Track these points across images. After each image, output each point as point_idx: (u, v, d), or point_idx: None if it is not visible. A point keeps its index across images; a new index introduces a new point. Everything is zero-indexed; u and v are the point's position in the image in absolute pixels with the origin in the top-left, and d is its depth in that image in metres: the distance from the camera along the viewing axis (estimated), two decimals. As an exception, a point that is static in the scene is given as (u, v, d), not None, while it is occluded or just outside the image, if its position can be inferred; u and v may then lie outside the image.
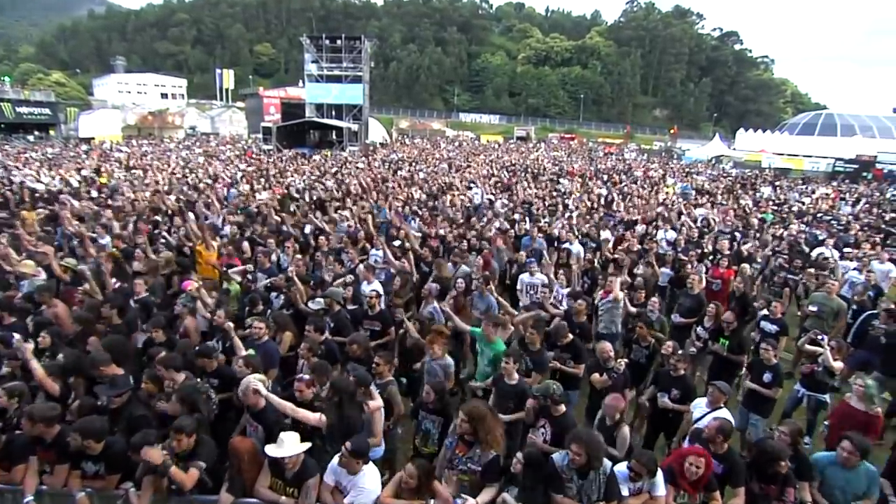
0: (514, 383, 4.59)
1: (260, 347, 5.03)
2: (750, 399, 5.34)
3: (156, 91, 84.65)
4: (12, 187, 13.21)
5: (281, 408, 3.69)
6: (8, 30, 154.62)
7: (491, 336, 5.27)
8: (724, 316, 5.96)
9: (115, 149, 33.41)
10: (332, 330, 5.73)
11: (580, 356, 5.35)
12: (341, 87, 40.47)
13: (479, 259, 8.10)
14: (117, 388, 3.96)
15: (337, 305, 6.05)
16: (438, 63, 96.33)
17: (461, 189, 15.29)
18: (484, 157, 31.70)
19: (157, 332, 5.10)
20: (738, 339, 5.87)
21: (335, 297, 6.05)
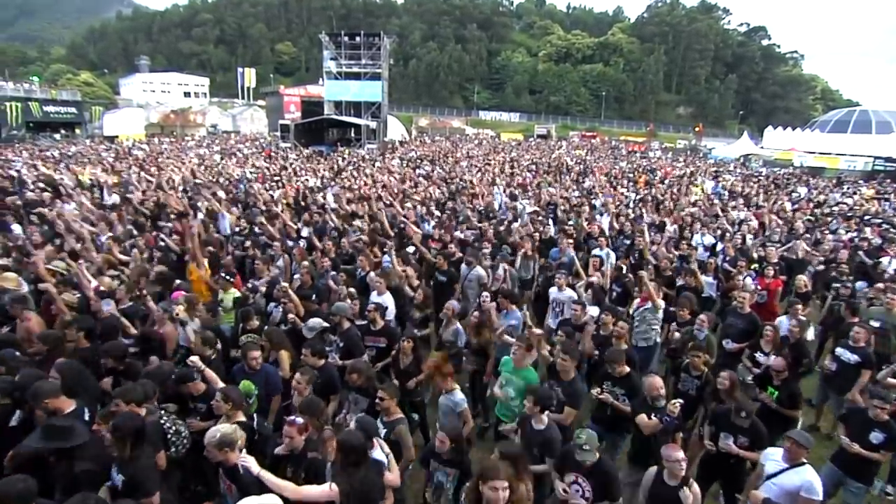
0: (542, 428, 3.84)
1: (258, 375, 4.45)
2: (848, 460, 4.30)
3: (179, 90, 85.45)
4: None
5: (278, 489, 2.85)
6: (42, 32, 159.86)
7: (521, 363, 4.55)
8: (773, 363, 4.97)
9: (137, 146, 33.56)
10: (342, 350, 5.15)
11: (636, 393, 4.45)
12: (360, 84, 40.02)
13: (501, 269, 7.34)
14: (56, 436, 3.21)
15: (346, 322, 5.36)
16: (458, 61, 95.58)
17: (483, 189, 14.54)
18: (504, 155, 30.91)
19: (112, 361, 4.39)
20: (788, 391, 4.86)
21: (342, 313, 5.35)
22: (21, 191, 12.19)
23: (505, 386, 4.61)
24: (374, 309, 5.45)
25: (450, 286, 7.21)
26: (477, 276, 7.18)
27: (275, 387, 4.53)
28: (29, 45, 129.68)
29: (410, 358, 4.98)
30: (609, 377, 4.64)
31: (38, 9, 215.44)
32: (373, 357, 5.36)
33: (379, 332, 5.45)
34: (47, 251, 6.67)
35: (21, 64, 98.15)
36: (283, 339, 5.02)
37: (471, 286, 7.30)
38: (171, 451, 3.67)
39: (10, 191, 12.33)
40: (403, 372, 5.00)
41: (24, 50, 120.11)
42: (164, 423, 3.66)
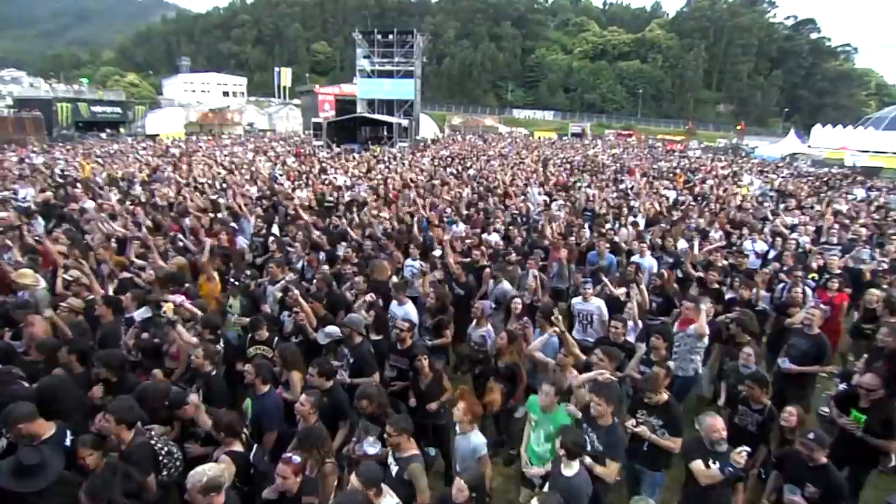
0: (571, 476, 3.30)
1: (258, 401, 4.01)
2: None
3: (218, 89, 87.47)
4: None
5: None
6: (95, 37, 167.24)
7: (551, 404, 3.93)
8: (864, 380, 4.13)
9: (175, 144, 34.30)
10: (353, 367, 4.68)
11: (676, 424, 3.88)
12: (393, 82, 39.91)
13: (531, 277, 6.69)
14: (24, 475, 2.85)
15: (358, 336, 4.86)
16: (492, 59, 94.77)
17: (515, 189, 13.95)
18: (538, 153, 30.14)
19: (106, 370, 4.01)
20: (883, 415, 3.97)
21: (355, 326, 4.85)
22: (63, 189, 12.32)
23: (535, 429, 4.03)
24: (407, 329, 4.87)
25: (468, 300, 6.51)
26: (503, 292, 6.50)
27: (270, 422, 3.99)
28: (83, 49, 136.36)
29: (430, 377, 4.47)
30: (643, 405, 4.04)
31: (92, 15, 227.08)
32: (392, 378, 4.90)
33: (404, 351, 4.91)
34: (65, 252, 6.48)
35: (75, 67, 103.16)
36: (298, 358, 4.49)
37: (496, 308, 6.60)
38: (163, 473, 3.34)
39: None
40: (424, 393, 4.51)
41: (78, 54, 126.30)
42: (155, 443, 3.33)
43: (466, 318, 5.93)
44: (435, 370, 4.54)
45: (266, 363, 4.24)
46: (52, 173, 14.95)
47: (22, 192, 11.02)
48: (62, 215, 8.85)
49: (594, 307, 5.93)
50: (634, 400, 4.24)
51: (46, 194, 10.92)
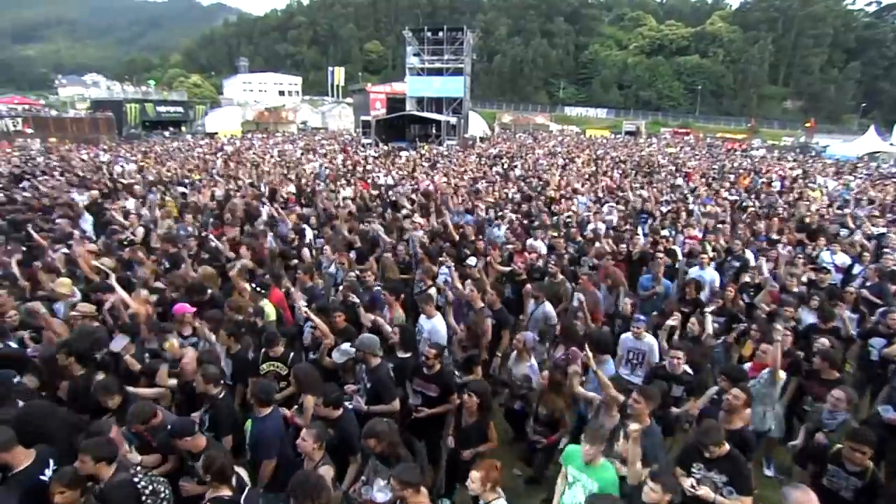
0: None
1: (256, 425, 3.66)
2: None
3: (274, 89, 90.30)
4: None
5: None
6: (165, 41, 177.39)
7: (595, 458, 3.37)
8: None
9: (229, 142, 35.49)
10: (370, 392, 4.23)
11: (744, 480, 3.24)
12: (442, 79, 39.65)
13: (576, 301, 5.90)
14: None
15: (374, 358, 4.37)
16: (544, 55, 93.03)
17: (562, 191, 13.30)
18: (589, 153, 29.08)
19: (105, 396, 3.68)
20: None
21: (368, 349, 4.37)
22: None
23: (571, 486, 3.43)
24: (433, 355, 4.35)
25: (499, 331, 5.70)
26: (545, 315, 5.81)
27: (267, 449, 3.60)
28: (154, 54, 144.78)
29: (475, 418, 3.91)
30: (700, 457, 3.40)
31: (164, 21, 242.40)
32: (418, 405, 4.43)
33: (433, 377, 4.40)
34: (91, 248, 6.46)
35: (146, 70, 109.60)
36: (313, 379, 4.05)
37: (535, 330, 5.90)
38: None
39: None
40: (464, 435, 4.02)
41: (149, 58, 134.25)
42: (139, 482, 3.01)
43: (494, 348, 5.50)
44: (483, 412, 3.98)
45: (266, 383, 3.91)
46: (110, 172, 15.56)
47: (78, 197, 11.29)
48: (104, 215, 9.01)
49: (646, 346, 5.21)
50: (688, 450, 3.61)
51: (93, 193, 11.27)
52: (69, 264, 6.42)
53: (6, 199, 10.91)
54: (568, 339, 5.02)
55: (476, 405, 3.88)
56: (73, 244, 6.69)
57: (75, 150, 27.89)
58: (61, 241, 7.22)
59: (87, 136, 39.38)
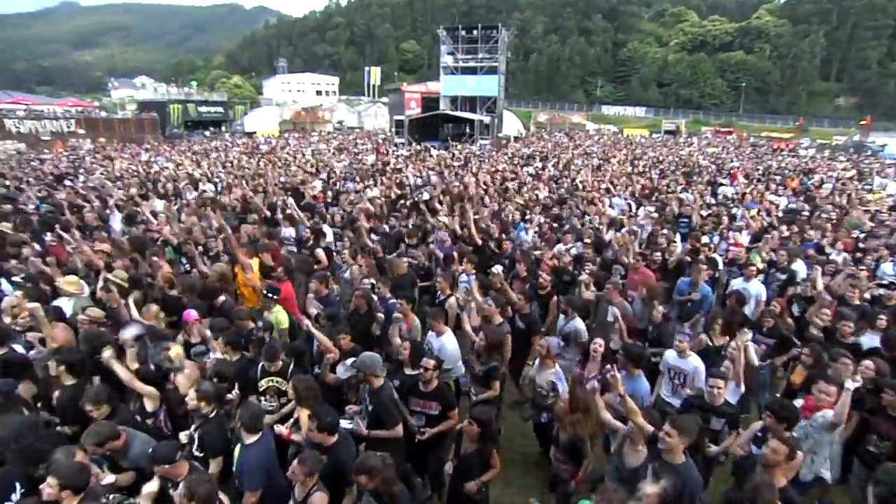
0: None
1: (242, 452, 3.36)
2: None
3: (312, 89, 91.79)
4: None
5: None
6: (209, 44, 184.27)
7: None
8: None
9: (265, 141, 36.16)
10: (371, 415, 3.94)
11: None
12: (476, 78, 39.33)
13: (610, 314, 5.53)
14: None
15: (377, 379, 4.02)
16: (581, 53, 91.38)
17: (596, 192, 12.76)
18: (627, 152, 28.20)
19: (91, 406, 3.49)
20: None
21: (369, 370, 4.02)
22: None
23: None
24: (432, 367, 4.04)
25: (529, 336, 5.33)
26: (575, 331, 5.39)
27: (250, 481, 3.29)
28: (199, 56, 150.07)
29: (476, 447, 3.58)
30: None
31: (208, 25, 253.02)
32: (421, 426, 4.11)
33: (432, 393, 4.09)
34: (103, 247, 6.41)
35: (190, 72, 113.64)
36: (313, 393, 3.78)
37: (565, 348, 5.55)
38: None
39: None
40: (464, 463, 3.69)
41: (194, 60, 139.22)
42: None
43: (525, 355, 5.11)
44: (486, 440, 3.62)
45: (253, 408, 3.61)
46: (147, 172, 15.93)
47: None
48: (132, 215, 9.10)
49: (691, 366, 4.67)
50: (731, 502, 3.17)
51: (131, 192, 11.50)
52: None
53: (46, 198, 11.24)
54: (606, 356, 4.65)
55: (477, 434, 3.58)
56: (75, 243, 6.65)
57: (119, 150, 28.94)
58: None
59: (132, 135, 40.96)
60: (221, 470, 3.46)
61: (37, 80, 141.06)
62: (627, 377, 4.36)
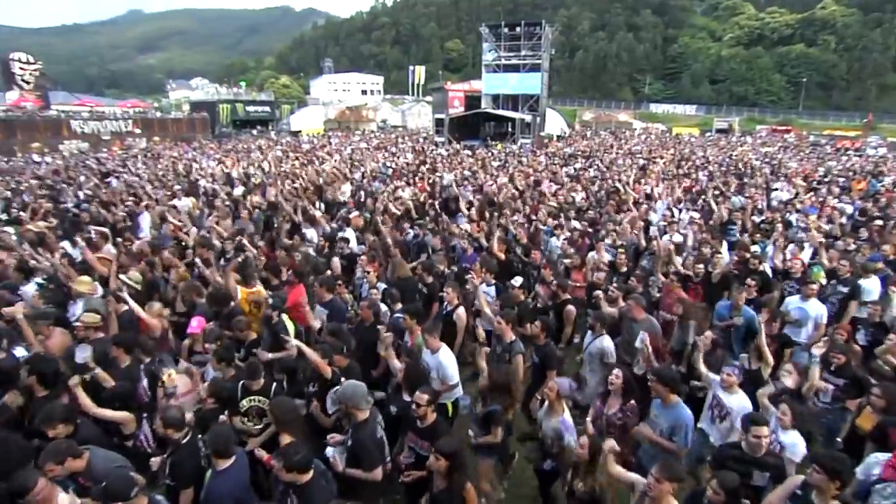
0: None
1: (211, 480, 3.10)
2: None
3: (357, 88, 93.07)
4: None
5: None
6: (261, 46, 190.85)
7: None
8: None
9: (307, 140, 36.79)
10: (350, 452, 3.53)
11: None
12: (519, 76, 38.70)
13: (642, 338, 4.77)
14: None
15: (360, 412, 3.57)
16: (629, 50, 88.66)
17: (636, 194, 12.06)
18: (674, 152, 26.95)
19: (51, 426, 3.22)
20: None
21: (350, 402, 3.56)
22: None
23: None
24: (424, 402, 3.53)
25: (543, 371, 4.71)
26: (601, 349, 4.85)
27: None
28: (251, 58, 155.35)
29: (446, 483, 3.14)
30: None
31: (260, 28, 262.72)
32: (409, 464, 3.67)
33: (426, 431, 3.59)
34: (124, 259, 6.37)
35: (242, 73, 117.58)
36: (295, 416, 3.49)
37: (591, 366, 5.00)
38: None
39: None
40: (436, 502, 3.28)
41: (246, 61, 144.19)
42: None
43: (539, 383, 4.62)
44: (455, 474, 3.15)
45: (222, 429, 3.32)
46: (187, 172, 16.31)
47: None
48: (162, 215, 9.20)
49: (737, 405, 4.00)
50: None
51: (174, 191, 11.74)
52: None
53: (90, 196, 11.61)
54: (627, 391, 3.97)
55: (445, 468, 3.12)
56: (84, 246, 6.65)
57: (169, 149, 30.08)
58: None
59: (184, 134, 42.70)
60: (193, 500, 3.19)
61: (106, 84, 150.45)
62: (663, 405, 3.85)
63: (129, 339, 4.34)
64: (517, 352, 4.55)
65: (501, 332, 4.67)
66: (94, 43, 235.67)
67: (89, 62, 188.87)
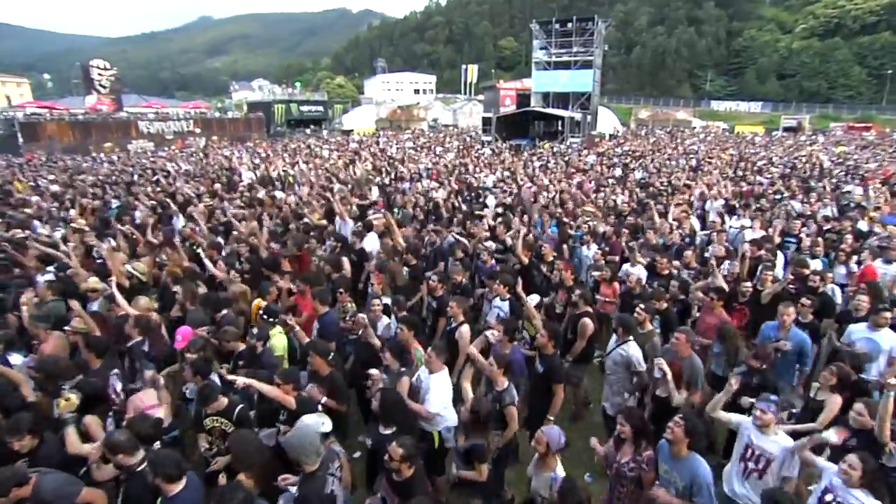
0: None
1: None
2: None
3: (410, 87, 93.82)
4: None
5: None
6: (319, 47, 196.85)
7: None
8: None
9: (353, 139, 37.28)
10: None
11: None
12: (570, 73, 37.67)
13: (660, 365, 4.13)
14: None
15: (307, 465, 3.06)
16: (689, 45, 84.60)
17: (684, 198, 11.21)
18: (732, 152, 25.22)
19: (17, 438, 3.11)
20: None
21: (294, 452, 3.09)
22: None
23: None
24: (398, 458, 3.00)
25: (548, 384, 4.24)
26: (627, 358, 4.37)
27: None
28: (308, 59, 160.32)
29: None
30: None
31: (319, 30, 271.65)
32: None
33: (401, 486, 3.10)
34: (121, 255, 6.40)
35: (300, 74, 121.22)
36: (251, 454, 3.10)
37: (615, 375, 4.54)
38: None
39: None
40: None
41: (303, 63, 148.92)
42: None
43: (544, 406, 4.16)
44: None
45: (164, 454, 2.99)
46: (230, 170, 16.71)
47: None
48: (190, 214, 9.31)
49: (778, 449, 3.32)
50: None
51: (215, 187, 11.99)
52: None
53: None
54: (640, 433, 3.35)
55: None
56: (102, 248, 6.72)
57: (222, 147, 31.23)
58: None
59: (241, 134, 44.30)
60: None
61: (177, 87, 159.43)
62: (673, 456, 3.25)
63: (102, 343, 4.20)
64: (508, 403, 3.90)
65: (492, 377, 4.03)
66: (167, 49, 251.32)
67: (163, 67, 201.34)
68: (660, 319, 5.17)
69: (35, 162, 23.97)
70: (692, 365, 4.25)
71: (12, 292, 5.39)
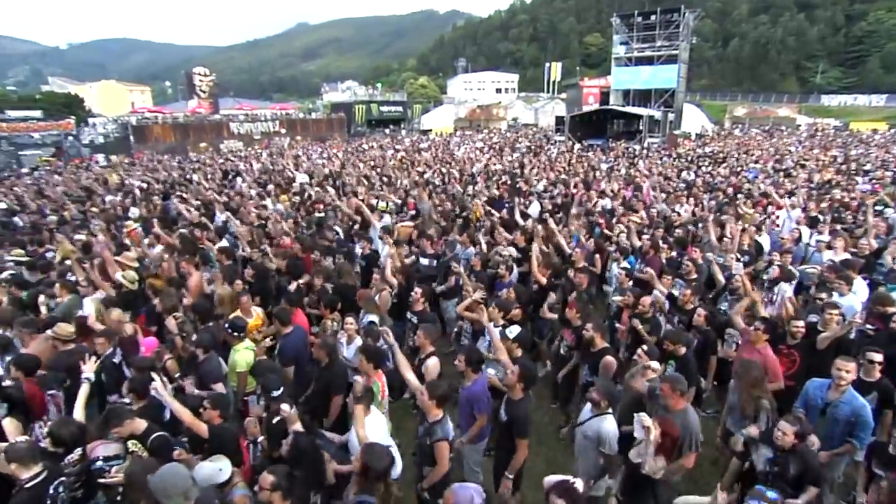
0: None
1: None
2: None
3: (492, 87, 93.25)
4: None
5: None
6: (406, 49, 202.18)
7: None
8: None
9: (425, 140, 37.69)
10: None
11: None
12: (652, 69, 35.68)
13: (642, 421, 3.30)
14: None
15: None
16: (797, 33, 76.60)
17: (755, 206, 10.06)
18: (838, 153, 22.43)
19: None
20: None
21: (161, 494, 2.71)
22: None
23: None
24: (269, 487, 2.70)
25: (512, 438, 3.74)
26: (597, 433, 3.68)
27: None
28: (394, 60, 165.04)
29: None
30: None
31: (406, 31, 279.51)
32: None
33: None
34: (127, 256, 6.60)
35: (386, 75, 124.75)
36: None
37: (584, 455, 3.86)
38: None
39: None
40: None
41: (390, 64, 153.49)
42: None
43: (509, 458, 3.74)
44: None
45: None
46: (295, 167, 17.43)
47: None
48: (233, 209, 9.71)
49: None
50: None
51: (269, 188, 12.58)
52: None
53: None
54: None
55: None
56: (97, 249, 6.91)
57: (300, 148, 32.81)
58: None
59: (323, 134, 46.34)
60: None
61: (274, 89, 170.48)
62: None
63: (32, 362, 4.09)
64: (440, 438, 3.37)
65: (423, 406, 3.46)
66: (268, 54, 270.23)
67: (263, 71, 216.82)
68: (674, 365, 4.43)
69: (142, 160, 26.65)
70: (686, 422, 3.45)
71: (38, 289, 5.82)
